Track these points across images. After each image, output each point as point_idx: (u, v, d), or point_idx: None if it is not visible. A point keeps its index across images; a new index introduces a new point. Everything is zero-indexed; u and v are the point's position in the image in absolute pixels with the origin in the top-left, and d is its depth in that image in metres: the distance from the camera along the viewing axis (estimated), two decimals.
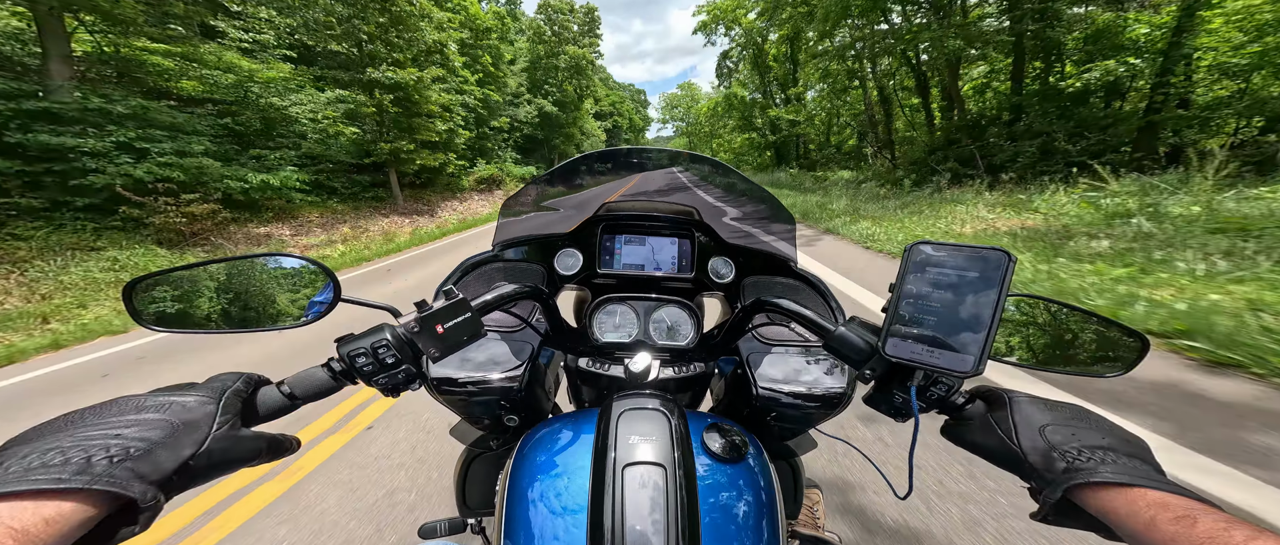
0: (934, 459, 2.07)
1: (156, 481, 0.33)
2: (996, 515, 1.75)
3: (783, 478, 0.87)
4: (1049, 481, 0.42)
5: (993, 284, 0.45)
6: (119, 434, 0.34)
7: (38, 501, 0.28)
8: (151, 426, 0.35)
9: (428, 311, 0.55)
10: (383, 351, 0.52)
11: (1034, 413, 0.48)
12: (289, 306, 0.57)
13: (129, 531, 0.33)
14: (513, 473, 0.56)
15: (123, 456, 0.32)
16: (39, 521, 0.27)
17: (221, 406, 0.40)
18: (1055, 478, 0.41)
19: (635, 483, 0.47)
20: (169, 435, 0.35)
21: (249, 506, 1.96)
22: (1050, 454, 0.43)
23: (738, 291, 0.95)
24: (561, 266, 0.95)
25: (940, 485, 1.96)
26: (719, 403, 0.89)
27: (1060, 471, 0.41)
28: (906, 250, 0.50)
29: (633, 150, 1.01)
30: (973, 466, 1.96)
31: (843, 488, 2.02)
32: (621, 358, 0.75)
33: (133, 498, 0.31)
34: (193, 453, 0.36)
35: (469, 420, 0.80)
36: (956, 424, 0.54)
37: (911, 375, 0.52)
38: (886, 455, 2.21)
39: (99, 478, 0.30)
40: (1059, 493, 0.40)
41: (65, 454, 0.31)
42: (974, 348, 0.45)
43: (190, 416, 0.38)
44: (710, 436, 0.56)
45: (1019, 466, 0.46)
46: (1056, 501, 0.40)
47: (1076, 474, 0.40)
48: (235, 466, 0.41)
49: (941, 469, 2.02)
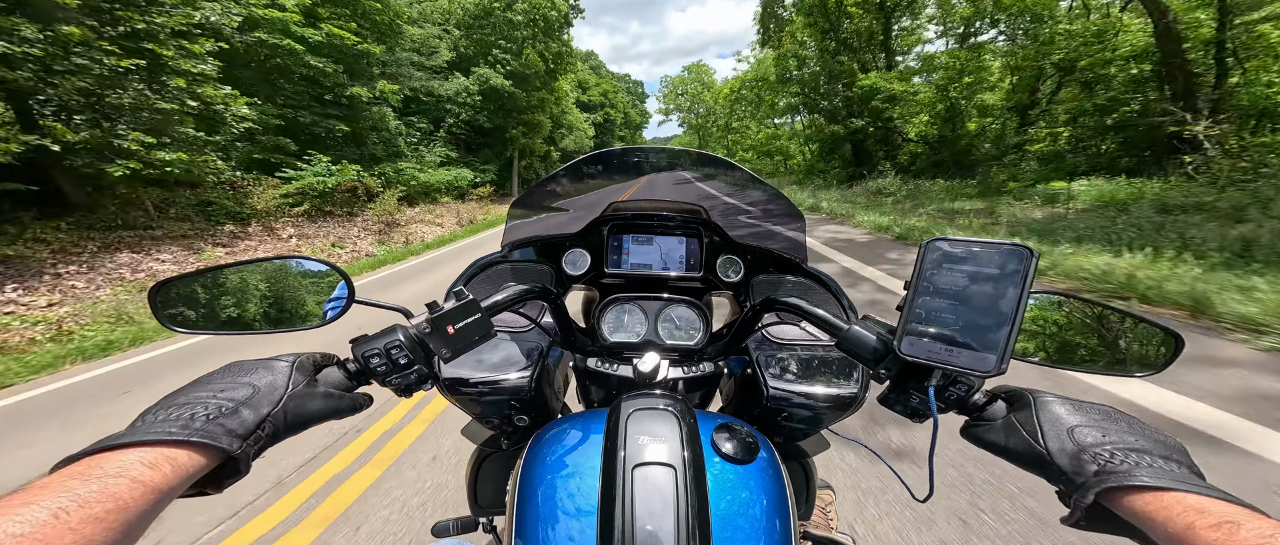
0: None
1: (242, 435, 0.39)
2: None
3: (794, 479, 0.86)
4: (1079, 485, 0.40)
5: (1014, 280, 0.44)
6: (216, 396, 0.41)
7: (157, 449, 0.35)
8: (240, 388, 0.42)
9: (438, 313, 0.55)
10: (396, 352, 0.52)
11: (1062, 413, 0.46)
12: (306, 308, 0.58)
13: (232, 479, 0.40)
14: (523, 472, 0.57)
15: (217, 414, 0.39)
16: (164, 464, 0.34)
17: (294, 373, 0.46)
18: (1086, 481, 0.40)
19: (645, 483, 0.46)
20: (252, 396, 0.42)
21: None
22: (1080, 456, 0.41)
23: (747, 290, 0.94)
24: (569, 267, 0.95)
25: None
26: (729, 403, 0.89)
27: (1091, 474, 0.40)
28: (923, 246, 0.49)
29: (640, 149, 1.01)
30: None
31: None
32: (630, 358, 0.75)
33: (224, 448, 0.37)
34: (270, 411, 0.43)
35: (480, 420, 0.81)
36: (976, 425, 0.52)
37: (929, 375, 0.51)
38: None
39: (196, 432, 0.36)
40: (1090, 496, 0.38)
41: (179, 412, 0.38)
42: (995, 347, 0.44)
43: (270, 380, 0.45)
44: (720, 437, 0.56)
45: (1046, 469, 0.44)
46: (1089, 506, 0.39)
47: (1109, 477, 0.38)
48: (312, 423, 0.47)
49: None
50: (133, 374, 3.91)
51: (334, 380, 0.51)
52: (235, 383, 0.43)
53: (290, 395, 0.44)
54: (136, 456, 0.33)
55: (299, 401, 0.45)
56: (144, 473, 0.32)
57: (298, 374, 0.47)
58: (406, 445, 2.42)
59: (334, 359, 0.54)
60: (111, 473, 0.31)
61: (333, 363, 0.53)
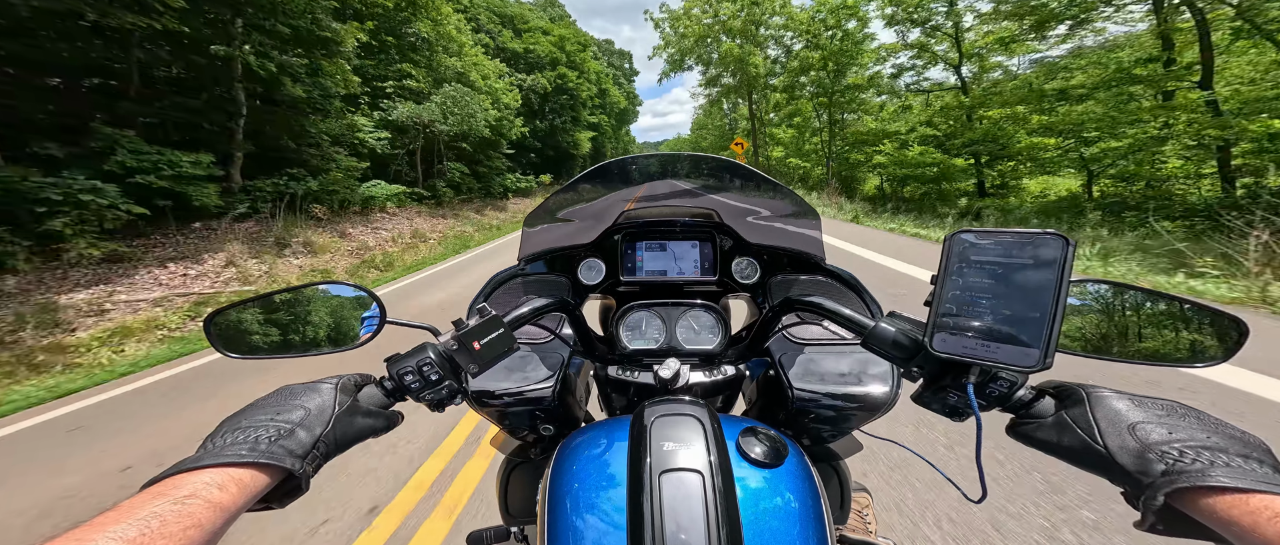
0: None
1: (301, 455, 0.42)
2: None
3: (827, 482, 0.83)
4: (1146, 485, 0.37)
5: (1051, 269, 0.41)
6: (274, 419, 0.44)
7: (227, 470, 0.38)
8: (294, 410, 0.46)
9: (464, 329, 0.57)
10: (427, 368, 0.55)
11: (1120, 408, 0.43)
12: (342, 330, 0.61)
13: (294, 496, 0.43)
14: (551, 481, 0.57)
15: (277, 437, 0.42)
16: (232, 485, 0.37)
17: (339, 394, 0.49)
18: (1154, 481, 0.37)
19: (673, 489, 0.46)
20: (305, 418, 0.45)
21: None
22: (1145, 455, 0.38)
23: (764, 291, 0.92)
24: (585, 277, 0.96)
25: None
26: (753, 406, 0.87)
27: (1159, 474, 0.37)
28: (947, 239, 0.47)
29: (649, 157, 1.02)
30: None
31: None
32: (650, 364, 0.75)
33: (287, 468, 0.40)
34: (323, 431, 0.45)
35: (507, 430, 0.83)
36: (1024, 423, 0.49)
37: (966, 372, 0.48)
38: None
39: (262, 453, 0.40)
40: (1160, 498, 0.36)
41: (243, 434, 0.41)
42: (1037, 340, 0.42)
43: (319, 402, 0.48)
44: (746, 441, 0.55)
45: (1106, 469, 0.41)
46: (1160, 508, 0.36)
47: (1179, 477, 0.35)
48: (356, 441, 0.50)
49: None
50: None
51: (373, 398, 0.54)
52: (288, 405, 0.46)
53: (337, 416, 0.47)
54: (209, 478, 0.37)
55: (345, 421, 0.48)
56: (215, 493, 0.36)
57: (342, 395, 0.50)
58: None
59: (371, 378, 0.56)
60: (187, 493, 0.35)
61: (370, 382, 0.56)
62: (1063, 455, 0.45)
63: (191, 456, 0.39)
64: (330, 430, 0.46)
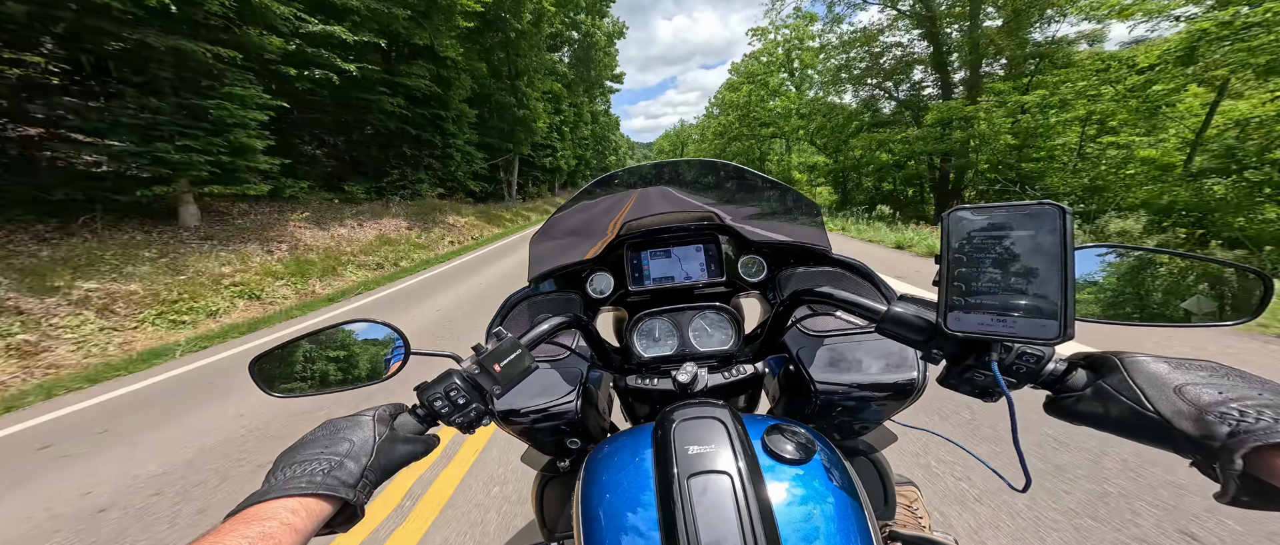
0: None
1: (352, 485, 0.46)
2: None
3: (865, 476, 0.82)
4: (1218, 449, 0.34)
5: (1053, 239, 0.41)
6: (324, 453, 0.47)
7: (297, 500, 0.42)
8: (341, 443, 0.49)
9: (484, 354, 0.60)
10: (455, 393, 0.57)
11: (1162, 371, 0.41)
12: (370, 365, 0.65)
13: (350, 523, 0.46)
14: (582, 494, 0.58)
15: (332, 468, 0.45)
16: (301, 512, 0.41)
17: (377, 425, 0.52)
18: (1223, 443, 0.34)
19: (703, 493, 0.46)
20: (352, 450, 0.48)
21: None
22: (1203, 417, 0.36)
23: (774, 287, 0.92)
24: (594, 290, 0.98)
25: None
26: (777, 403, 0.87)
27: (1225, 436, 0.34)
28: (944, 217, 0.47)
29: (648, 166, 1.04)
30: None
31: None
32: (668, 371, 0.76)
33: (344, 498, 0.44)
34: (369, 462, 0.48)
35: (535, 446, 0.85)
36: (1062, 398, 0.47)
37: (987, 350, 0.47)
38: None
39: (320, 485, 0.43)
40: (1238, 462, 0.33)
41: (302, 468, 0.45)
42: (1053, 311, 0.41)
43: (363, 435, 0.51)
44: (772, 439, 0.54)
45: (1164, 436, 0.38)
46: (1241, 473, 0.33)
47: (1251, 436, 0.33)
48: (398, 467, 0.53)
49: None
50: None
51: (408, 426, 0.57)
52: (335, 439, 0.49)
53: (379, 446, 0.50)
54: (283, 506, 0.41)
55: (387, 450, 0.51)
56: (291, 518, 0.40)
57: (380, 426, 0.53)
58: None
59: (404, 407, 0.59)
60: (267, 518, 0.39)
61: (404, 410, 0.59)
62: (1112, 428, 0.42)
63: (260, 491, 0.42)
64: (375, 460, 0.49)
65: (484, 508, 2.02)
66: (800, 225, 0.93)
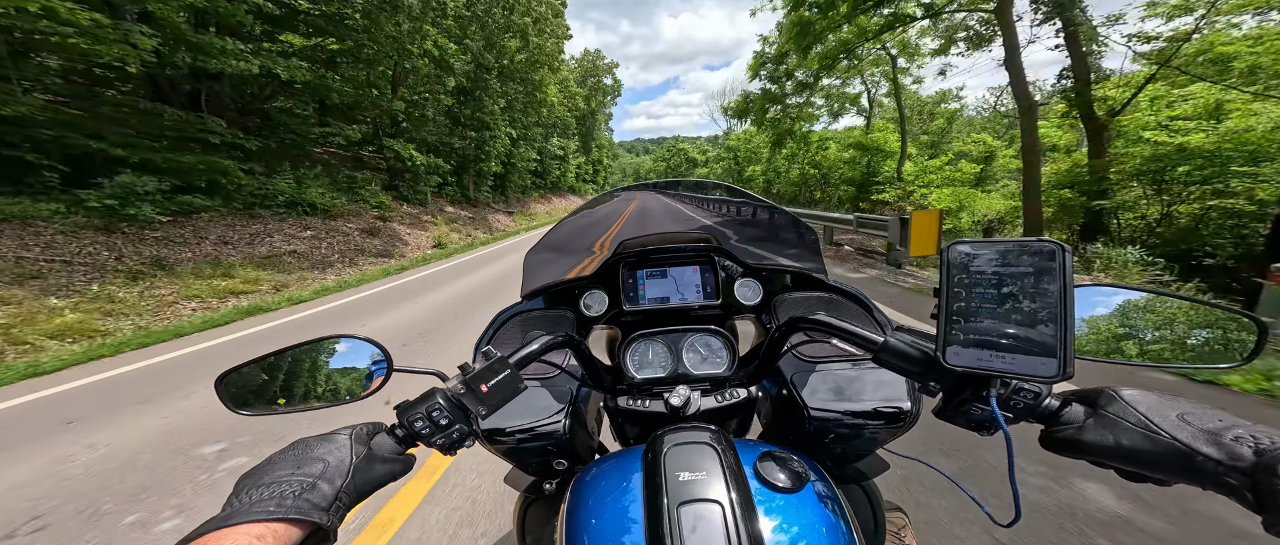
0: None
1: (325, 507, 0.43)
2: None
3: (856, 504, 0.81)
4: (1250, 470, 0.32)
5: (1052, 277, 0.41)
6: (294, 474, 0.44)
7: (262, 525, 0.39)
8: (314, 464, 0.46)
9: (471, 373, 0.57)
10: (437, 414, 0.54)
11: (1159, 402, 0.40)
12: (349, 383, 0.62)
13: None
14: (568, 518, 0.56)
15: (301, 491, 0.42)
16: (267, 537, 0.38)
17: (354, 445, 0.50)
18: (1257, 463, 0.32)
19: (693, 522, 0.45)
20: (325, 471, 0.46)
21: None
22: (1221, 440, 0.34)
23: (769, 310, 0.92)
24: (588, 309, 0.96)
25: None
26: (769, 427, 0.86)
27: (1252, 457, 0.32)
28: (943, 251, 0.46)
29: (647, 185, 1.03)
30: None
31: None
32: (660, 393, 0.75)
33: (315, 522, 0.41)
34: (343, 483, 0.46)
35: (520, 467, 0.82)
36: (1059, 430, 0.46)
37: (986, 385, 0.47)
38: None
39: (290, 509, 0.40)
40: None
41: (269, 491, 0.42)
42: (1052, 349, 0.41)
43: (338, 455, 0.48)
44: (765, 466, 0.53)
45: (1184, 460, 0.36)
46: None
47: None
48: (374, 488, 0.51)
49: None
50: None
51: (385, 446, 0.54)
52: (307, 459, 0.47)
53: (355, 467, 0.48)
54: (246, 532, 0.38)
55: (363, 470, 0.49)
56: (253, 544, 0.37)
57: (357, 445, 0.50)
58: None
59: (382, 426, 0.56)
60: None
61: (382, 430, 0.56)
62: (1121, 458, 0.40)
63: (220, 515, 0.39)
64: (350, 481, 0.46)
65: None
66: (797, 250, 0.93)
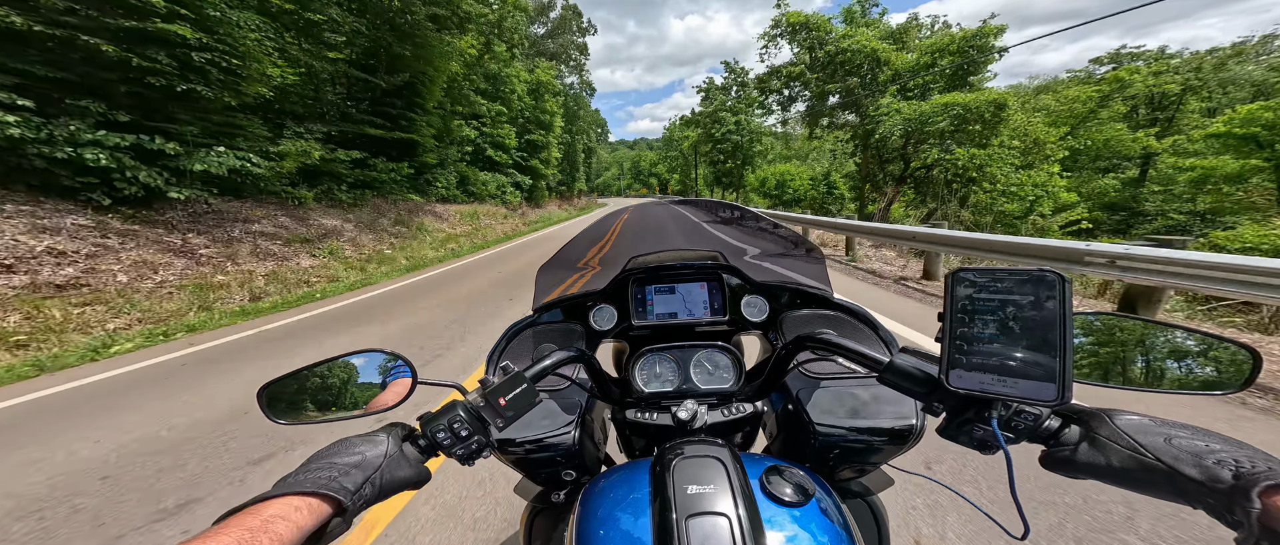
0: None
1: (352, 491, 0.48)
2: None
3: (861, 519, 0.82)
4: (1227, 491, 0.34)
5: (1052, 304, 0.43)
6: (337, 461, 0.51)
7: (299, 498, 0.45)
8: (352, 455, 0.52)
9: (491, 387, 0.60)
10: (458, 426, 0.57)
11: (1149, 425, 0.43)
12: (377, 394, 0.66)
13: (340, 527, 0.48)
14: (578, 527, 0.57)
15: (337, 475, 0.48)
16: (302, 508, 0.44)
17: (389, 444, 0.55)
18: (1234, 485, 0.34)
19: (701, 535, 0.46)
20: (360, 462, 0.51)
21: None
22: (1202, 463, 0.37)
23: (775, 327, 0.93)
24: (597, 323, 0.98)
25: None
26: (774, 441, 0.87)
27: (1231, 479, 0.34)
28: (948, 277, 0.48)
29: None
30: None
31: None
32: (668, 407, 0.77)
33: (340, 500, 0.47)
34: (370, 475, 0.51)
35: (528, 476, 0.84)
36: (1057, 451, 0.48)
37: (988, 406, 0.49)
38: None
39: (323, 485, 0.46)
40: (1257, 503, 0.33)
41: (310, 475, 0.48)
42: (1051, 374, 0.42)
43: (373, 451, 0.53)
44: (771, 480, 0.54)
45: (1168, 481, 0.39)
46: (1260, 513, 0.33)
47: (1257, 479, 0.33)
48: (394, 490, 0.54)
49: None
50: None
51: (411, 453, 0.57)
52: (348, 452, 0.53)
53: (386, 464, 0.53)
54: (284, 503, 0.44)
55: (391, 469, 0.53)
56: (292, 513, 0.43)
57: (392, 446, 0.55)
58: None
59: (415, 431, 0.60)
60: (269, 515, 0.42)
61: (413, 436, 0.59)
62: (1114, 478, 0.43)
63: (268, 491, 0.46)
64: (378, 475, 0.51)
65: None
66: (802, 267, 0.95)
